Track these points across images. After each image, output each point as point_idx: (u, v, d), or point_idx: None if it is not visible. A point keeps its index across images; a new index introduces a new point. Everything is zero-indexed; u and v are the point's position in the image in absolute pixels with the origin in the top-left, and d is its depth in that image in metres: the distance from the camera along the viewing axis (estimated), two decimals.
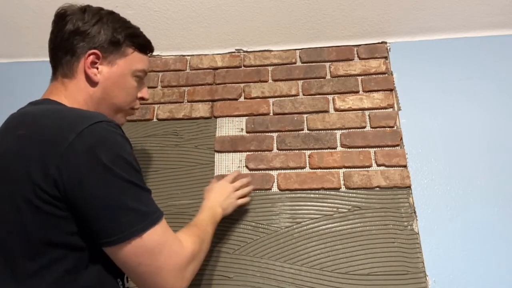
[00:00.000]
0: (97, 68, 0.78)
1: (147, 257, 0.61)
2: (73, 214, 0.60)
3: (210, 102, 1.33)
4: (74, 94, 0.76)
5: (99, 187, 0.58)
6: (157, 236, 0.62)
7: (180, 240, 0.68)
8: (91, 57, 0.77)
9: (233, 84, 1.35)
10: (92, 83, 0.77)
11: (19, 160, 0.60)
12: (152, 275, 0.62)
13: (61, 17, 0.78)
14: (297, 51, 1.38)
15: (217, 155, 1.24)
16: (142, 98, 0.90)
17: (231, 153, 1.24)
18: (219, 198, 0.99)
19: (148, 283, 0.63)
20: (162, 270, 0.62)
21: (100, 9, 0.81)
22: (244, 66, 1.38)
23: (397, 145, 1.19)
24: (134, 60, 0.83)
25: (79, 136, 0.59)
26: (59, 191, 0.58)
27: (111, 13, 0.82)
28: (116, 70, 0.80)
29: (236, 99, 1.33)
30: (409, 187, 1.13)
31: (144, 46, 0.86)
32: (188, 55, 1.42)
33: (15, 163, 0.60)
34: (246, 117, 1.29)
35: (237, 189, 1.06)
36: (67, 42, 0.77)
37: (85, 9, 0.79)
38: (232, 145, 1.25)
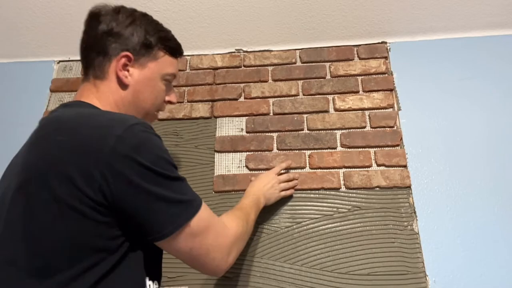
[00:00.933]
0: (128, 71, 0.77)
1: (197, 241, 0.67)
2: (117, 218, 0.61)
3: (210, 102, 1.33)
4: (106, 96, 0.76)
5: (146, 187, 0.61)
6: (202, 220, 0.68)
7: (224, 222, 0.75)
8: (123, 59, 0.76)
9: (233, 84, 1.35)
10: (123, 85, 0.77)
11: (59, 166, 0.60)
12: (203, 256, 0.68)
13: (94, 16, 0.78)
14: (297, 51, 1.38)
15: (217, 155, 1.24)
16: (169, 102, 0.89)
17: (231, 153, 1.24)
18: (263, 187, 1.04)
19: (200, 264, 0.70)
20: (210, 251, 0.69)
21: (134, 10, 0.81)
22: (244, 66, 1.38)
23: (397, 145, 1.19)
24: (164, 63, 0.82)
25: (118, 140, 0.61)
26: (105, 197, 0.59)
27: (145, 15, 0.82)
28: (146, 73, 0.79)
29: (236, 99, 1.33)
30: (409, 187, 1.13)
31: (175, 49, 0.85)
32: (188, 55, 1.42)
33: (56, 169, 0.60)
34: (246, 117, 1.29)
35: (282, 182, 1.10)
36: (100, 42, 0.76)
37: (119, 10, 0.79)
38: (232, 145, 1.25)
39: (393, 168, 1.16)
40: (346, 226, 1.10)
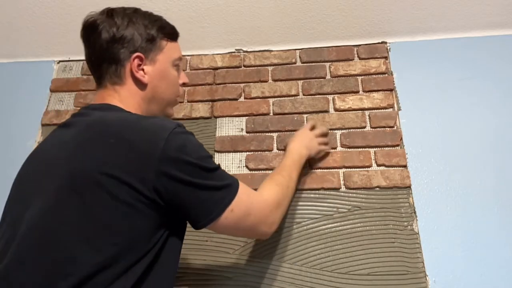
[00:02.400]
0: (143, 70, 0.79)
1: (242, 218, 0.75)
2: (169, 212, 0.69)
3: (210, 102, 1.33)
4: (128, 99, 0.78)
5: (194, 182, 0.68)
6: (243, 200, 0.75)
7: (262, 195, 0.82)
8: (136, 60, 0.78)
9: (233, 84, 1.35)
10: (142, 85, 0.79)
11: (114, 168, 0.64)
12: (251, 229, 0.79)
13: (92, 28, 0.78)
14: (297, 51, 1.38)
15: (217, 155, 1.24)
16: (183, 84, 0.92)
17: (231, 153, 1.24)
18: (303, 141, 1.09)
19: (248, 235, 0.92)
20: (255, 224, 0.79)
21: (125, 9, 0.82)
22: (244, 66, 1.38)
23: (397, 145, 1.19)
24: (170, 51, 0.84)
25: (166, 143, 0.66)
26: (160, 195, 0.66)
27: (136, 11, 0.83)
28: (159, 66, 0.81)
29: (236, 99, 1.33)
30: (409, 187, 1.13)
31: (174, 34, 0.88)
32: (188, 55, 1.42)
33: (111, 171, 0.63)
34: (246, 117, 1.29)
35: (318, 136, 1.14)
36: (108, 52, 0.77)
37: (111, 13, 0.79)
38: (232, 145, 1.24)
39: (393, 168, 1.16)
40: (346, 226, 1.10)
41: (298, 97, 1.30)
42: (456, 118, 1.21)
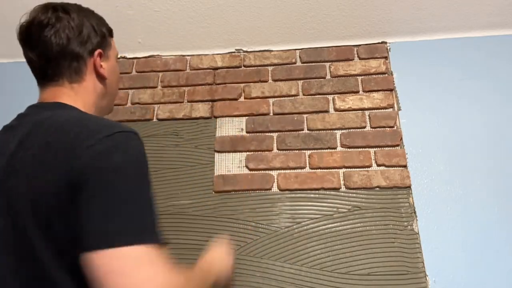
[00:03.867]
0: (101, 66, 0.79)
1: (125, 273, 0.53)
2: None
3: (210, 102, 1.33)
4: (84, 96, 0.77)
5: (103, 189, 0.56)
6: (145, 255, 0.54)
7: (170, 272, 0.57)
8: (96, 57, 0.77)
9: (233, 84, 1.35)
10: (102, 80, 0.80)
11: (45, 168, 0.59)
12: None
13: (43, 25, 0.74)
14: (297, 51, 1.38)
15: (217, 155, 1.24)
16: None
17: (231, 153, 1.24)
18: (226, 271, 0.84)
19: None
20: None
21: (75, 5, 0.80)
22: (244, 66, 1.38)
23: (397, 145, 1.19)
24: (114, 47, 0.85)
25: (99, 142, 0.59)
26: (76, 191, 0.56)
27: (81, 8, 0.81)
28: (111, 62, 0.82)
29: (236, 99, 1.32)
30: (409, 187, 1.13)
31: (112, 30, 0.88)
32: (188, 55, 1.42)
33: (42, 170, 0.59)
34: (246, 117, 1.29)
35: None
36: (68, 49, 0.75)
37: (65, 10, 0.77)
38: (232, 145, 1.24)
39: (393, 168, 1.16)
40: (346, 226, 1.10)
41: (298, 97, 1.30)
42: (456, 118, 1.21)
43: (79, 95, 0.77)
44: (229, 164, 1.22)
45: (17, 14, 0.79)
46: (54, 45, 0.75)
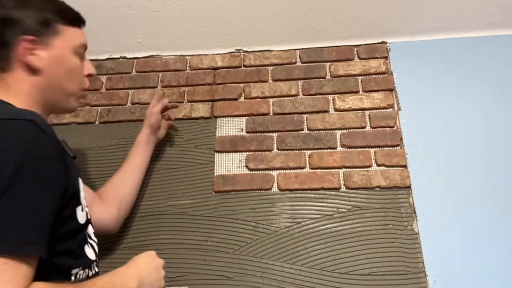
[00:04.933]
0: (35, 54, 0.72)
1: None
2: None
3: (210, 102, 1.33)
4: (15, 87, 0.71)
5: None
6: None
7: None
8: (25, 43, 0.71)
9: (233, 84, 1.35)
10: (34, 70, 0.72)
11: None
12: None
13: None
14: (297, 51, 1.38)
15: (217, 155, 1.24)
16: (89, 75, 0.83)
17: (231, 153, 1.24)
18: (147, 273, 0.77)
19: None
20: None
21: None
22: (244, 66, 1.38)
23: (397, 145, 1.19)
24: (69, 36, 0.77)
25: None
26: None
27: None
28: (55, 51, 0.74)
29: (236, 99, 1.32)
30: (409, 187, 1.13)
31: (75, 19, 0.80)
32: (188, 55, 1.42)
33: None
34: (246, 117, 1.29)
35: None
36: None
37: None
38: (232, 145, 1.24)
39: (393, 168, 1.16)
40: (346, 226, 1.10)
41: (298, 97, 1.30)
42: (456, 118, 1.21)
43: (12, 87, 0.72)
44: (229, 164, 1.22)
45: None
46: None
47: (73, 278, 0.66)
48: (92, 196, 0.97)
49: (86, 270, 0.70)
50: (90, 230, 0.79)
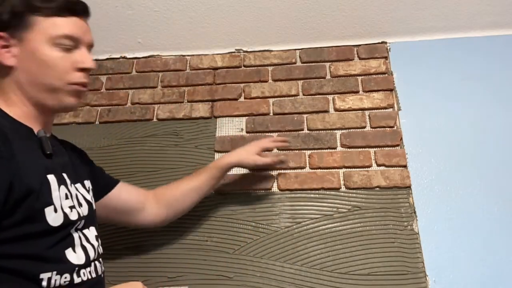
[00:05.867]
0: (10, 52, 0.69)
1: None
2: None
3: (210, 102, 1.33)
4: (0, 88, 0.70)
5: None
6: None
7: None
8: None
9: (233, 84, 1.35)
10: (10, 68, 0.70)
11: None
12: None
13: None
14: (297, 51, 1.38)
15: (217, 155, 1.24)
16: (83, 69, 0.74)
17: None
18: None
19: None
20: None
21: None
22: (244, 66, 1.38)
23: (397, 145, 1.19)
24: (45, 28, 0.71)
25: None
26: None
27: None
28: (27, 46, 0.70)
29: (236, 99, 1.33)
30: (409, 187, 1.13)
31: (55, 8, 0.72)
32: (188, 55, 1.42)
33: None
34: (246, 117, 1.29)
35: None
36: None
37: None
38: (232, 145, 1.24)
39: (393, 168, 1.16)
40: (346, 226, 1.10)
41: (298, 97, 1.30)
42: (456, 118, 1.21)
43: None
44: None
45: None
46: None
47: (44, 283, 0.63)
48: (144, 195, 0.99)
49: (66, 275, 0.66)
50: (90, 233, 0.77)
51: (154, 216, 1.00)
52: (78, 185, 0.79)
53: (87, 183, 0.84)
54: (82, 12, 0.76)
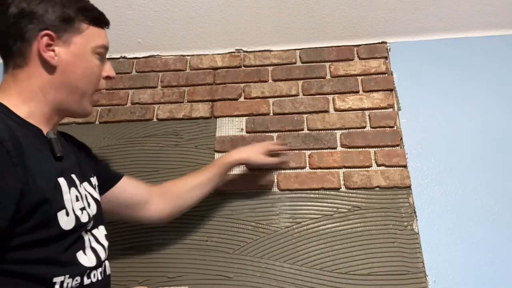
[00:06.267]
0: (54, 51, 0.71)
1: None
2: None
3: (210, 102, 1.33)
4: (25, 84, 0.70)
5: None
6: None
7: None
8: (44, 38, 0.70)
9: (233, 84, 1.35)
10: (50, 67, 0.71)
11: None
12: None
13: (1, 2, 0.71)
14: (297, 51, 1.38)
15: (217, 155, 1.24)
16: (108, 77, 0.82)
17: None
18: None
19: None
20: None
21: None
22: (244, 66, 1.38)
23: (397, 145, 1.19)
24: (91, 35, 0.76)
25: None
26: None
27: None
28: (74, 49, 0.73)
29: (236, 99, 1.33)
30: (409, 187, 1.13)
31: (99, 19, 0.79)
32: (188, 55, 1.42)
33: None
34: (246, 117, 1.29)
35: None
36: (14, 27, 0.69)
37: None
38: (232, 145, 1.24)
39: (393, 168, 1.16)
40: (346, 226, 1.10)
41: (298, 97, 1.30)
42: (456, 118, 1.21)
43: (18, 83, 0.70)
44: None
45: None
46: (2, 22, 0.70)
47: (57, 287, 0.63)
48: (149, 190, 0.98)
49: (77, 278, 0.67)
50: (100, 233, 0.77)
51: (159, 211, 0.99)
52: (85, 184, 0.79)
53: (93, 180, 0.84)
54: (108, 24, 0.83)
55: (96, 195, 0.81)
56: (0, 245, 0.57)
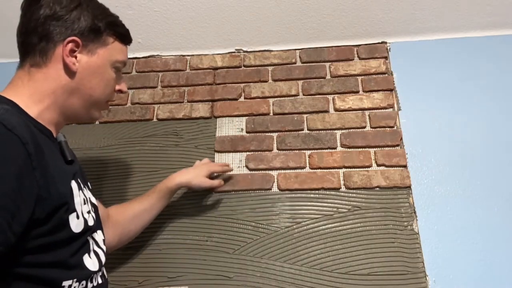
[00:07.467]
0: (76, 57, 0.73)
1: None
2: None
3: (210, 102, 1.33)
4: (40, 84, 0.71)
5: None
6: None
7: None
8: (70, 44, 0.71)
9: (233, 84, 1.35)
10: (70, 72, 0.72)
11: None
12: None
13: (34, 0, 0.73)
14: (297, 51, 1.38)
15: (217, 155, 1.24)
16: (120, 91, 0.85)
17: (231, 153, 1.24)
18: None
19: None
20: None
21: None
22: (244, 66, 1.38)
23: (397, 145, 1.19)
24: (114, 50, 0.79)
25: None
26: None
27: None
28: (96, 60, 0.75)
29: (236, 99, 1.33)
30: (409, 187, 1.13)
31: (125, 36, 0.82)
32: (188, 55, 1.42)
33: None
34: (246, 117, 1.29)
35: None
36: (43, 27, 0.71)
37: None
38: (232, 145, 1.24)
39: (393, 168, 1.16)
40: (346, 226, 1.10)
41: (298, 97, 1.30)
42: (456, 118, 1.21)
43: (32, 83, 0.71)
44: (229, 164, 1.22)
45: (17, 15, 0.79)
46: (32, 19, 0.71)
47: None
48: (104, 212, 0.91)
49: (83, 282, 0.67)
50: (99, 237, 0.76)
51: (109, 241, 0.88)
52: (86, 188, 0.79)
53: (90, 185, 0.84)
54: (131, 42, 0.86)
55: (94, 200, 0.82)
56: (15, 247, 0.56)
